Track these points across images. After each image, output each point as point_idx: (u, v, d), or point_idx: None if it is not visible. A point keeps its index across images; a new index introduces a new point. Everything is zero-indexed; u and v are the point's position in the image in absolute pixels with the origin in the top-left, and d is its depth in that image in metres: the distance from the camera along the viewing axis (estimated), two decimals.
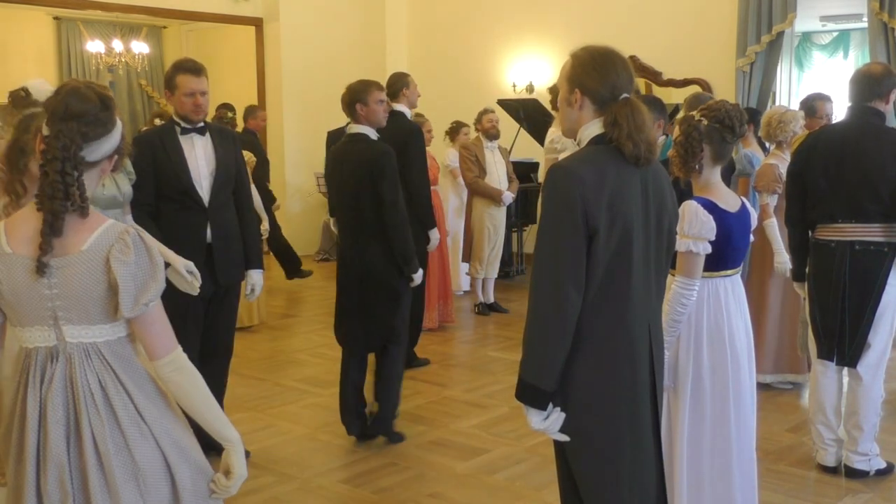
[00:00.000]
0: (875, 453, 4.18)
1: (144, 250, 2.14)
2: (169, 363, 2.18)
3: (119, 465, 2.12)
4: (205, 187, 4.18)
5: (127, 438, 2.13)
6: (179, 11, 10.28)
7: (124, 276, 2.08)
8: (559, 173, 2.35)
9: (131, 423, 2.14)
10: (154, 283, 2.13)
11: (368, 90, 4.52)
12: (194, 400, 2.21)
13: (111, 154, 2.19)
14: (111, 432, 2.12)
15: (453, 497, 4.08)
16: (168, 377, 2.18)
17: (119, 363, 2.16)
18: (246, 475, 2.28)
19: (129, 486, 2.12)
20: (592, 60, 2.42)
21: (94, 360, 2.15)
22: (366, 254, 4.50)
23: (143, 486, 2.14)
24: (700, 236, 3.06)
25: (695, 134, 3.10)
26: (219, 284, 4.23)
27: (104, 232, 2.13)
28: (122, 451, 2.12)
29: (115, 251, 2.10)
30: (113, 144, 2.17)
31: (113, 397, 2.14)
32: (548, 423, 2.39)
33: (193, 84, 4.11)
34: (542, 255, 2.35)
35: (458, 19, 10.86)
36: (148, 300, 2.12)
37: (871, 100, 4.05)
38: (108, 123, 2.15)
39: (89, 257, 2.10)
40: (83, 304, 2.12)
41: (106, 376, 2.14)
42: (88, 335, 2.15)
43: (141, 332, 2.17)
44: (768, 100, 8.71)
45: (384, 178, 4.42)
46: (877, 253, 4.00)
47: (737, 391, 3.17)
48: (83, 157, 2.10)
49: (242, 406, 5.28)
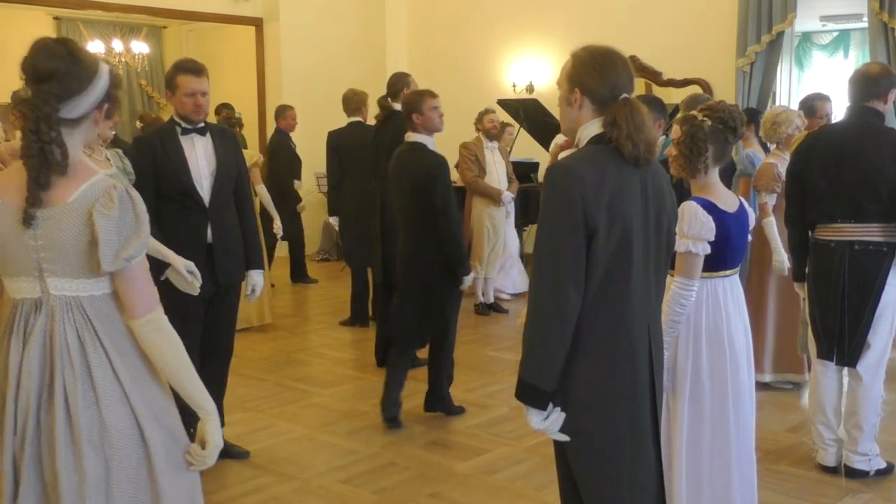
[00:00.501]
0: (875, 453, 4.18)
1: (130, 205, 2.12)
2: (147, 322, 2.15)
3: (86, 423, 2.10)
4: (205, 187, 4.18)
5: (98, 397, 2.11)
6: (179, 11, 10.28)
7: (105, 228, 2.07)
8: (559, 172, 2.35)
9: (105, 382, 2.12)
10: (137, 239, 2.11)
11: (422, 99, 4.82)
12: (171, 362, 2.19)
13: (99, 104, 2.17)
14: (83, 389, 2.10)
15: (453, 497, 4.08)
16: (146, 337, 2.16)
17: (100, 320, 2.15)
18: (222, 444, 2.26)
19: (92, 447, 2.10)
20: (592, 60, 2.42)
21: (76, 315, 2.14)
22: (420, 256, 4.81)
23: (108, 448, 2.11)
24: (699, 237, 3.06)
25: (700, 134, 3.09)
26: (219, 284, 4.23)
27: (91, 185, 2.12)
28: (90, 410, 2.10)
29: (99, 205, 2.08)
30: (98, 95, 2.15)
31: (90, 354, 2.12)
32: (547, 424, 2.39)
33: (194, 84, 4.11)
34: (542, 254, 2.35)
35: (458, 19, 10.86)
36: (129, 255, 2.10)
37: (870, 100, 4.05)
38: (84, 78, 2.12)
39: (74, 209, 2.10)
40: (67, 257, 2.11)
41: (85, 332, 2.13)
42: (72, 288, 2.14)
43: (122, 287, 2.15)
44: (768, 100, 8.71)
45: (436, 188, 4.70)
46: (876, 253, 4.00)
47: (736, 391, 3.17)
48: (61, 117, 2.09)
49: (242, 406, 5.28)
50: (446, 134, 8.15)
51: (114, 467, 2.12)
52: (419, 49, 11.24)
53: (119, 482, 2.13)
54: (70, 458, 2.10)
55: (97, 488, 2.11)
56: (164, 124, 4.34)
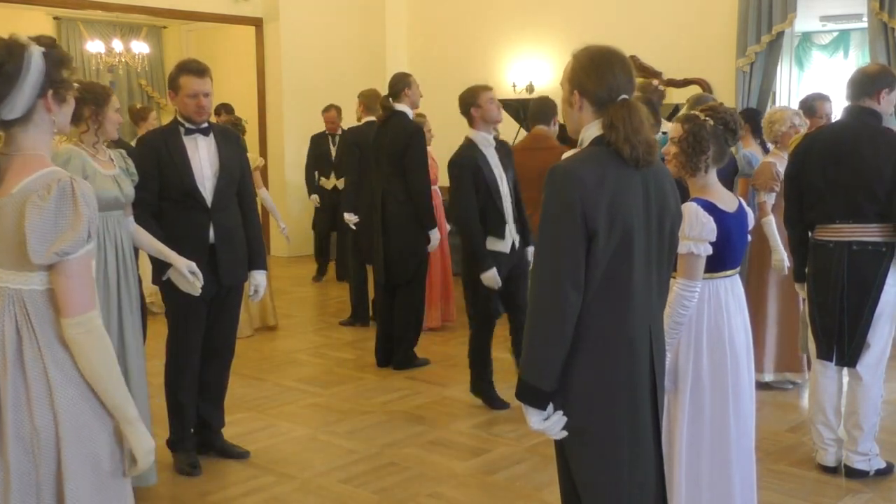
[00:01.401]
0: (875, 453, 4.18)
1: (70, 200, 2.06)
2: (79, 323, 2.09)
3: (14, 421, 2.06)
4: (208, 188, 4.18)
5: (30, 397, 2.07)
6: (179, 11, 10.28)
7: (34, 220, 2.03)
8: (559, 174, 2.35)
9: (36, 380, 2.08)
10: (73, 234, 2.05)
11: (477, 93, 5.06)
12: (97, 367, 2.11)
13: (41, 93, 2.10)
14: (14, 385, 2.07)
15: (453, 497, 4.08)
16: (75, 338, 2.09)
17: (38, 317, 2.11)
18: (152, 446, 2.21)
19: (21, 449, 2.06)
20: (590, 62, 2.42)
21: (16, 309, 2.11)
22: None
23: (37, 450, 2.07)
24: (701, 238, 3.06)
25: (703, 133, 3.10)
26: (221, 285, 4.23)
27: (38, 178, 2.09)
28: (20, 408, 2.07)
29: (35, 196, 2.05)
30: (34, 86, 2.09)
31: (25, 349, 2.09)
32: (547, 425, 2.39)
33: (196, 85, 4.11)
34: (542, 255, 2.36)
35: (458, 19, 10.86)
36: (62, 250, 2.05)
37: (861, 98, 4.05)
38: (13, 74, 2.05)
39: (15, 201, 2.08)
40: (8, 248, 2.09)
41: (23, 327, 2.10)
42: (14, 281, 2.11)
43: (56, 283, 2.09)
44: (768, 100, 8.70)
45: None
46: (875, 253, 4.01)
47: (736, 391, 3.17)
48: (3, 119, 2.05)
49: (242, 406, 5.28)
50: (447, 134, 8.19)
51: (42, 471, 2.08)
52: (419, 49, 11.24)
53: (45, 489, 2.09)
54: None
55: (26, 489, 2.07)
56: (168, 124, 4.34)
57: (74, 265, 2.09)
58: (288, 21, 10.69)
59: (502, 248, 5.07)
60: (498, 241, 5.05)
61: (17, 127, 2.10)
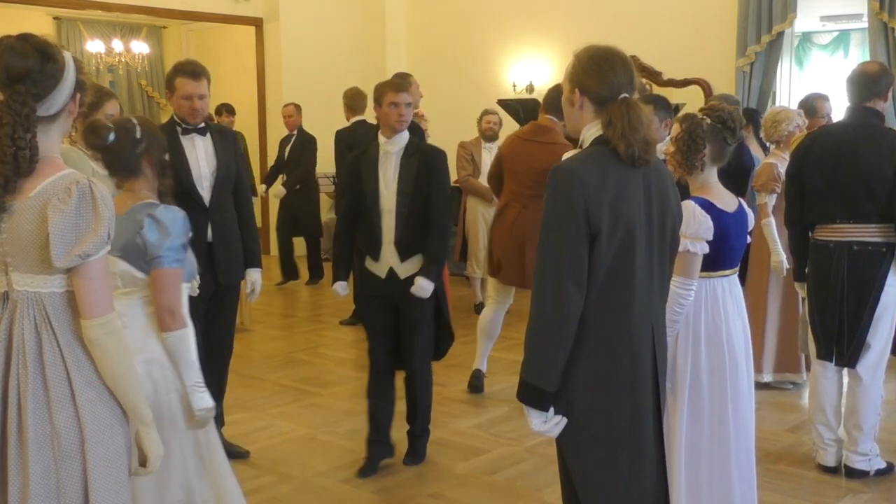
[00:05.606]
0: (875, 453, 4.18)
1: (90, 202, 2.08)
2: (101, 325, 2.10)
3: (34, 423, 2.07)
4: (205, 187, 4.18)
5: (50, 399, 2.08)
6: (179, 11, 10.28)
7: (57, 223, 2.04)
8: (561, 174, 2.35)
9: (57, 383, 2.09)
10: (94, 237, 2.07)
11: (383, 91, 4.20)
12: (116, 368, 2.13)
13: (72, 95, 2.16)
14: (34, 389, 2.08)
15: (453, 497, 4.08)
16: (97, 339, 2.10)
17: (58, 319, 2.12)
18: (161, 452, 2.24)
19: (41, 450, 2.07)
20: (591, 61, 2.42)
21: (36, 311, 2.11)
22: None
23: (57, 451, 2.08)
24: (698, 236, 3.06)
25: (698, 131, 3.10)
26: (219, 284, 4.23)
27: (55, 180, 2.10)
28: (41, 410, 2.07)
29: (56, 199, 2.06)
30: (70, 87, 2.13)
31: (45, 352, 2.10)
32: (548, 426, 2.38)
33: (191, 88, 4.11)
34: (545, 255, 2.35)
35: (458, 19, 10.85)
36: (84, 252, 2.06)
37: (870, 99, 4.05)
38: (57, 72, 2.10)
39: (34, 204, 2.08)
40: (27, 252, 2.09)
41: (43, 330, 2.11)
42: (33, 284, 2.12)
43: (77, 286, 2.10)
44: (768, 100, 8.71)
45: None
46: (875, 253, 4.00)
47: (735, 391, 3.17)
48: (39, 116, 2.08)
49: (242, 406, 5.28)
50: (447, 134, 8.19)
51: (63, 474, 2.09)
52: (419, 49, 11.24)
53: (67, 489, 2.10)
54: (17, 459, 2.07)
55: (46, 491, 2.08)
56: (165, 124, 4.33)
57: (95, 267, 2.10)
58: (288, 21, 10.68)
59: (376, 272, 4.32)
60: (371, 262, 4.34)
61: (43, 125, 2.11)
